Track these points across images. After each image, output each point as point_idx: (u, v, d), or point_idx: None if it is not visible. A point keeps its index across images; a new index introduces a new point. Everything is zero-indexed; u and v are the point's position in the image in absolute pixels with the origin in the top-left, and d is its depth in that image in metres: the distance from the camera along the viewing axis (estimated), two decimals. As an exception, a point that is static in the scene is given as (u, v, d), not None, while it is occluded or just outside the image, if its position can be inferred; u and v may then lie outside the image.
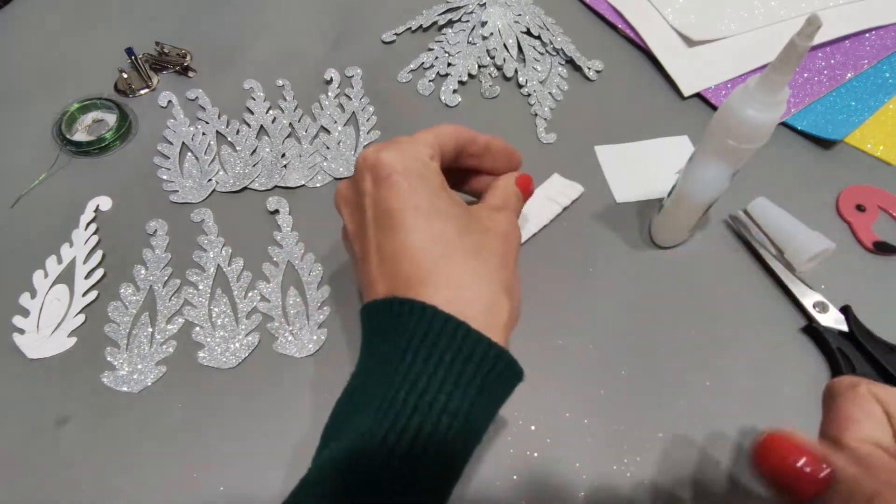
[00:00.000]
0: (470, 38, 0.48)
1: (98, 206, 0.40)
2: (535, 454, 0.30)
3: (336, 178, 0.41)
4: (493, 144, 0.30)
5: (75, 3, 0.53)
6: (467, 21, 0.49)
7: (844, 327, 0.33)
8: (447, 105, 0.45)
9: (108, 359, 0.34)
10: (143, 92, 0.46)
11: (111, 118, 0.44)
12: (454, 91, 0.45)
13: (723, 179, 0.30)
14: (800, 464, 0.17)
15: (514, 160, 0.31)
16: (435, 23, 0.50)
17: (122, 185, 0.41)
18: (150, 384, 0.33)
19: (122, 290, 0.36)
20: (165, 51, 0.48)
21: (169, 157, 0.42)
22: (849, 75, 0.44)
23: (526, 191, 0.30)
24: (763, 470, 0.18)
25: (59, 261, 0.37)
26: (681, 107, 0.44)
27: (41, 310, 0.36)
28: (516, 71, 0.46)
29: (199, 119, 0.44)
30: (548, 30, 0.48)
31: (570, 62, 0.47)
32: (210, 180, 0.41)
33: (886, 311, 0.34)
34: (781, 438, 0.18)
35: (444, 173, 0.26)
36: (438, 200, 0.24)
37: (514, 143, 0.42)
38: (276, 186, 0.41)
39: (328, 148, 0.42)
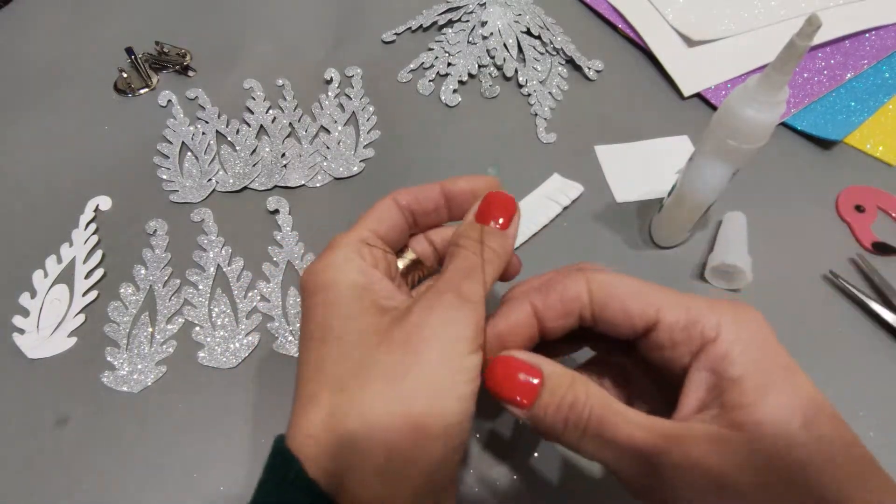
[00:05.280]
0: (470, 38, 0.48)
1: (98, 205, 0.40)
2: (535, 454, 0.30)
3: (336, 178, 0.41)
4: (451, 189, 0.25)
5: (75, 3, 0.53)
6: (467, 21, 0.49)
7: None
8: (447, 105, 0.45)
9: (108, 359, 0.34)
10: (142, 91, 0.46)
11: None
12: (454, 91, 0.45)
13: (723, 179, 0.30)
14: (519, 378, 0.21)
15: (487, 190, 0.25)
16: (435, 23, 0.50)
17: (121, 185, 0.41)
18: (150, 384, 0.33)
19: (122, 290, 0.36)
20: (165, 50, 0.48)
21: (169, 157, 0.42)
22: (849, 75, 0.44)
23: (502, 213, 0.23)
24: (494, 385, 0.21)
25: (59, 261, 0.37)
26: (681, 107, 0.44)
27: (41, 310, 0.35)
28: (516, 71, 0.46)
29: (199, 119, 0.44)
30: (548, 30, 0.49)
31: (570, 62, 0.47)
32: (210, 180, 0.41)
33: (886, 311, 0.34)
34: (504, 360, 0.21)
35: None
36: (335, 319, 0.21)
37: (514, 143, 0.43)
38: (276, 186, 0.41)
39: (328, 148, 0.42)
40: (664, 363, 0.21)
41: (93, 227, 0.39)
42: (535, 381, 0.20)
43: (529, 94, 0.45)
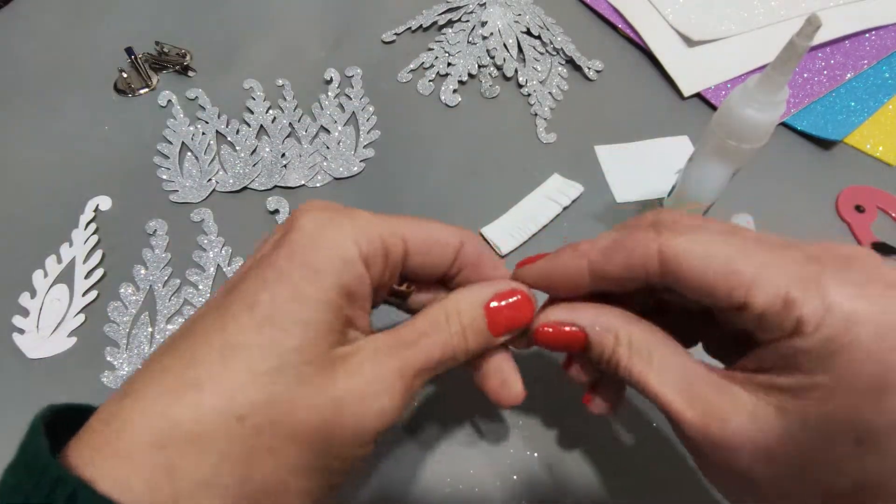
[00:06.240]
0: (470, 38, 0.48)
1: (98, 205, 0.40)
2: (535, 454, 0.30)
3: (336, 178, 0.41)
4: (470, 254, 0.22)
5: (75, 3, 0.53)
6: (467, 21, 0.49)
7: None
8: (447, 105, 0.45)
9: (108, 359, 0.34)
10: (142, 91, 0.46)
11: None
12: (454, 91, 0.45)
13: (723, 179, 0.30)
14: (565, 340, 0.21)
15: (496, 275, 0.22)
16: (435, 23, 0.50)
17: (122, 185, 0.41)
18: (150, 384, 0.33)
19: (121, 290, 0.36)
20: (165, 50, 0.48)
21: (169, 157, 0.42)
22: (848, 75, 0.44)
23: (510, 322, 0.21)
24: (543, 345, 0.21)
25: (59, 260, 0.37)
26: (681, 107, 0.44)
27: (41, 310, 0.35)
28: (516, 71, 0.46)
29: (199, 119, 0.44)
30: (548, 30, 0.49)
31: (570, 62, 0.47)
32: (210, 180, 0.41)
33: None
34: (548, 325, 0.21)
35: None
36: (288, 304, 0.17)
37: (514, 143, 0.43)
38: (276, 186, 0.41)
39: (328, 148, 0.42)
40: (737, 331, 0.19)
41: (93, 227, 0.39)
42: (576, 341, 0.20)
43: (529, 94, 0.45)
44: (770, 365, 0.17)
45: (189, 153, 0.42)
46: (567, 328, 0.20)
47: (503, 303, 0.21)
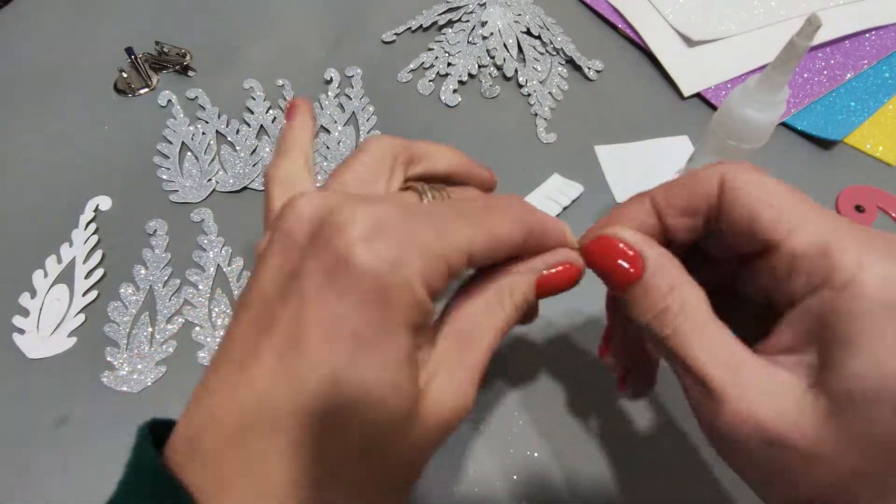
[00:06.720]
0: (470, 38, 0.48)
1: (98, 205, 0.40)
2: (535, 454, 0.30)
3: (336, 178, 0.41)
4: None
5: (75, 3, 0.53)
6: (467, 21, 0.49)
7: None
8: (447, 105, 0.45)
9: (108, 359, 0.34)
10: (142, 91, 0.46)
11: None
12: (454, 91, 0.45)
13: (723, 179, 0.30)
14: (620, 263, 0.19)
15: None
16: (435, 23, 0.50)
17: (122, 185, 0.41)
18: (150, 384, 0.33)
19: (121, 290, 0.36)
20: (165, 50, 0.48)
21: (169, 157, 0.42)
22: (849, 75, 0.44)
23: (554, 289, 0.22)
24: (592, 264, 0.21)
25: (59, 260, 0.37)
26: (681, 107, 0.44)
27: (41, 310, 0.35)
28: (516, 71, 0.46)
29: (199, 119, 0.44)
30: (548, 30, 0.49)
31: (570, 62, 0.47)
32: (210, 180, 0.41)
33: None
34: (607, 239, 0.20)
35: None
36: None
37: (514, 143, 0.43)
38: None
39: (328, 148, 0.42)
40: (768, 295, 0.18)
41: (93, 227, 0.39)
42: (633, 270, 0.19)
43: (529, 94, 0.45)
44: (800, 339, 0.16)
45: (189, 153, 0.42)
46: (631, 252, 0.19)
47: (552, 271, 0.21)
